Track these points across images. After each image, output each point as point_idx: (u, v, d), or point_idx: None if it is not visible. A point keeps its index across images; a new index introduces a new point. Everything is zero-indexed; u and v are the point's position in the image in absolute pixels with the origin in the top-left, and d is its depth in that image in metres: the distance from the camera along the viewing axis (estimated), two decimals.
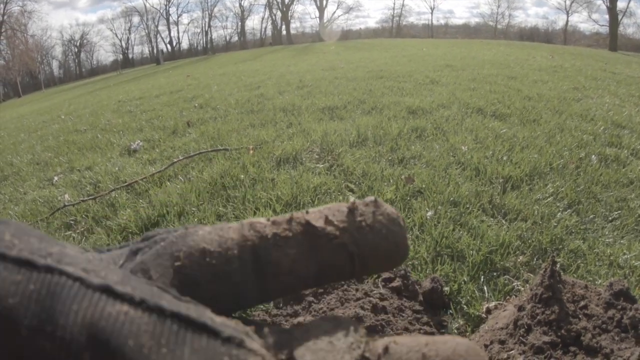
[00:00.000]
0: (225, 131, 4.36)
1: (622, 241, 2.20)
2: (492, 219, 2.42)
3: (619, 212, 2.50)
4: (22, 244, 0.19)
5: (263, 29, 58.52)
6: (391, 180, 2.86)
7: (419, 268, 2.00)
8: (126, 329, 0.17)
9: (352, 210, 0.25)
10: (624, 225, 2.35)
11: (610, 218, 2.45)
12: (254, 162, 3.29)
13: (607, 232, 2.29)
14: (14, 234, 0.19)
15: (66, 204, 2.98)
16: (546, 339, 1.23)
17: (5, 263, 0.18)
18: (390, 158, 3.33)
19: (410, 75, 7.47)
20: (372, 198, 0.26)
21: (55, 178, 3.82)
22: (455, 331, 1.60)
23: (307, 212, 0.26)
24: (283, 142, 3.78)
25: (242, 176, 2.99)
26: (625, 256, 2.03)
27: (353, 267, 0.24)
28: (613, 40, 26.32)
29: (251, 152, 3.51)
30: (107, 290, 0.18)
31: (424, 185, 2.77)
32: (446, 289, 1.81)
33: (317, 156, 3.42)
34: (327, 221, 0.25)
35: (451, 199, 2.61)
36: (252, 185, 2.86)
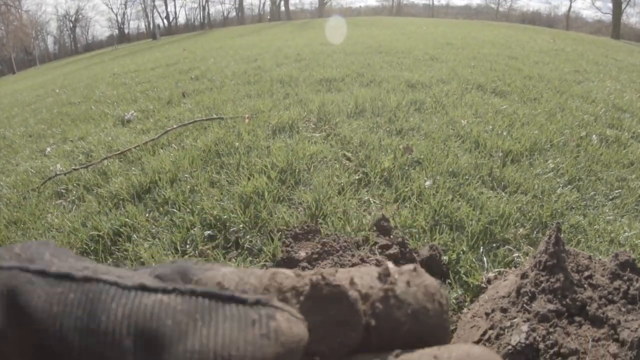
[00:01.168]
0: (220, 101, 4.28)
1: (622, 219, 2.18)
2: (491, 191, 2.38)
3: (620, 191, 2.47)
4: (61, 262, 0.20)
5: (261, 5, 57.46)
6: (389, 150, 2.81)
7: (417, 236, 1.97)
8: (163, 311, 0.18)
9: (382, 276, 0.22)
10: (624, 204, 2.32)
11: (610, 196, 2.42)
12: (250, 130, 3.22)
13: (607, 210, 2.27)
14: (53, 254, 0.21)
15: (57, 173, 2.93)
16: (551, 307, 1.19)
17: (47, 278, 0.19)
18: (388, 129, 3.27)
19: (410, 52, 7.34)
20: (411, 266, 0.23)
21: (48, 149, 3.75)
22: (454, 300, 1.57)
23: (336, 271, 0.23)
24: (279, 111, 3.71)
25: (237, 144, 2.93)
26: (626, 234, 2.01)
27: (369, 339, 0.21)
28: (616, 28, 25.83)
29: (247, 121, 3.44)
30: (142, 287, 0.19)
31: (422, 156, 2.73)
32: (445, 258, 1.78)
33: (313, 126, 3.36)
34: (352, 283, 0.22)
35: (450, 169, 2.56)
36: (246, 153, 2.81)
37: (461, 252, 1.83)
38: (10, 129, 4.87)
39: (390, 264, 0.23)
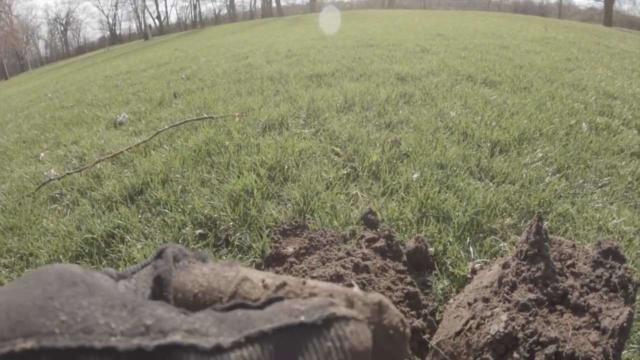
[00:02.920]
0: (211, 100, 4.30)
1: (611, 207, 2.20)
2: (479, 182, 2.41)
3: (609, 178, 2.49)
4: (117, 321, 0.19)
5: (253, 1, 57.17)
6: (377, 144, 2.84)
7: (404, 229, 2.00)
8: None
9: (348, 301, 0.24)
10: (613, 192, 2.34)
11: (599, 184, 2.44)
12: (240, 128, 3.25)
13: (596, 198, 2.29)
14: (100, 304, 0.20)
15: (51, 178, 2.95)
16: (531, 296, 1.20)
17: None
18: (377, 122, 3.30)
19: (401, 44, 7.35)
20: (377, 299, 0.24)
21: (42, 154, 3.77)
22: (440, 291, 1.60)
23: (303, 283, 0.24)
24: (269, 108, 3.74)
25: (227, 142, 2.96)
26: (615, 221, 2.03)
27: None
28: (608, 15, 25.72)
29: (237, 119, 3.47)
30: (219, 349, 0.19)
31: (410, 149, 2.76)
32: (431, 249, 1.80)
33: (303, 122, 3.39)
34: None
35: (438, 161, 2.60)
36: (236, 151, 2.84)
37: (448, 243, 1.86)
38: (4, 136, 4.88)
39: (357, 291, 0.25)
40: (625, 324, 1.08)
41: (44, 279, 0.21)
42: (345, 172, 2.49)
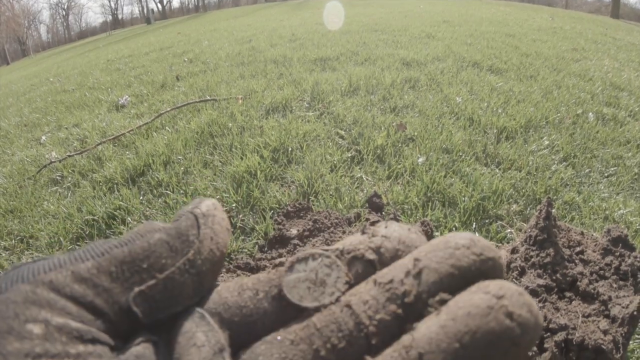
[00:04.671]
0: (214, 83, 4.25)
1: (617, 197, 2.16)
2: (485, 168, 2.37)
3: (615, 168, 2.45)
4: None
5: None
6: (382, 128, 2.79)
7: (409, 213, 1.97)
8: None
9: (364, 230, 0.25)
10: (620, 182, 2.31)
11: (606, 174, 2.41)
12: (243, 111, 3.21)
13: (602, 187, 2.25)
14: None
15: (52, 160, 2.93)
16: (540, 282, 1.17)
17: None
18: (382, 107, 3.25)
19: (406, 30, 7.23)
20: (383, 221, 0.26)
21: (43, 137, 3.74)
22: None
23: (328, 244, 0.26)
24: (273, 91, 3.68)
25: (230, 124, 2.92)
26: (621, 211, 2.00)
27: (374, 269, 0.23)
28: (615, 7, 25.22)
29: (240, 101, 3.42)
30: None
31: (416, 133, 2.71)
32: (436, 234, 1.77)
33: (307, 105, 3.34)
34: (344, 244, 0.25)
35: (444, 146, 2.55)
36: (240, 133, 2.80)
37: (453, 228, 1.83)
38: (5, 120, 4.85)
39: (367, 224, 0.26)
40: (635, 313, 1.05)
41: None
42: (349, 155, 2.45)
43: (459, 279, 0.20)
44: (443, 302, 0.19)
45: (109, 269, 0.21)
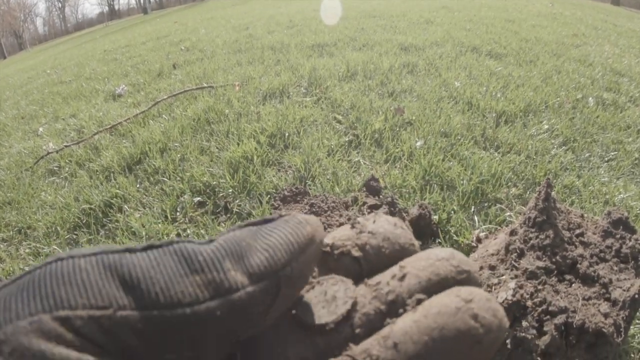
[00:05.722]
0: (211, 70, 4.21)
1: (617, 181, 2.14)
2: (484, 151, 2.35)
3: (615, 153, 2.43)
4: None
5: None
6: (380, 112, 2.77)
7: (407, 196, 1.95)
8: (238, 237, 0.22)
9: (353, 224, 0.27)
10: (620, 166, 2.28)
11: (606, 158, 2.38)
12: (240, 97, 3.18)
13: (602, 172, 2.23)
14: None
15: (50, 151, 2.92)
16: (540, 264, 1.15)
17: (133, 253, 0.21)
18: (380, 91, 3.22)
19: (404, 15, 7.14)
20: (372, 214, 0.28)
21: (40, 129, 3.73)
22: None
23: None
24: (270, 77, 3.65)
25: (227, 111, 2.90)
26: (621, 196, 1.98)
27: (361, 268, 0.25)
28: None
29: (237, 88, 3.39)
30: (210, 241, 0.22)
31: (414, 117, 2.69)
32: (435, 217, 1.76)
33: (304, 90, 3.31)
34: (333, 238, 0.26)
35: (442, 130, 2.53)
36: (236, 119, 2.78)
37: (452, 212, 1.82)
38: (2, 113, 4.83)
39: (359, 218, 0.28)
40: (636, 296, 1.04)
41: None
42: (347, 139, 2.43)
43: (437, 284, 0.23)
44: (420, 301, 0.22)
45: None
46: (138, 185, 2.24)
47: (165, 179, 2.21)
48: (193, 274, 0.20)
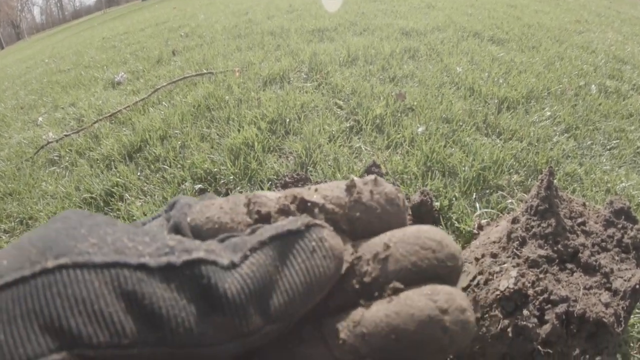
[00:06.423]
0: (211, 56, 4.17)
1: (619, 170, 2.12)
2: (485, 138, 2.33)
3: (618, 141, 2.40)
4: (140, 245, 0.20)
5: None
6: (381, 97, 2.74)
7: (409, 182, 1.94)
8: (258, 272, 0.20)
9: (349, 188, 0.25)
10: (622, 155, 2.26)
11: (608, 146, 2.36)
12: (240, 83, 3.15)
13: (604, 160, 2.21)
14: (90, 232, 0.20)
15: (50, 141, 2.90)
16: (542, 252, 1.14)
17: (154, 274, 0.19)
18: (381, 77, 3.18)
19: None
20: (372, 177, 0.26)
21: (40, 119, 3.72)
22: None
23: (315, 190, 0.25)
24: (270, 63, 3.61)
25: (227, 97, 2.88)
26: (623, 184, 1.96)
27: (345, 240, 0.25)
28: None
29: (237, 74, 3.36)
30: (233, 264, 0.20)
31: (415, 103, 2.66)
32: (436, 203, 1.74)
33: (305, 76, 3.27)
34: (324, 198, 0.25)
35: (444, 116, 2.50)
36: (237, 105, 2.76)
37: (453, 198, 1.80)
38: (1, 103, 4.82)
39: (355, 178, 0.26)
40: (637, 286, 1.03)
41: (61, 216, 0.21)
42: (348, 125, 2.41)
43: (417, 274, 0.22)
44: (396, 291, 0.22)
45: None
46: (139, 174, 2.23)
47: (166, 167, 2.20)
48: (216, 312, 0.19)
